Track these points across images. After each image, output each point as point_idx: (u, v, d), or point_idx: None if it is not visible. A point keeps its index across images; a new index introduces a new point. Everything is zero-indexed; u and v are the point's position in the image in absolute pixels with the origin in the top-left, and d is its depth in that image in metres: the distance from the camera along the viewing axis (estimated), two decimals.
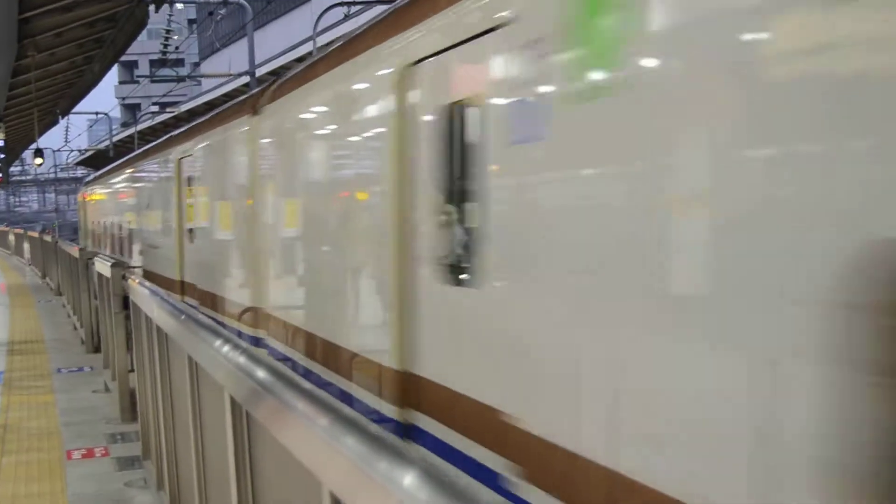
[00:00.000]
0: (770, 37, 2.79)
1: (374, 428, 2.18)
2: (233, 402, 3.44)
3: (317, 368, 7.06)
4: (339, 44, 7.54)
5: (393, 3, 6.43)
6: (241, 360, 3.30)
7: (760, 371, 2.74)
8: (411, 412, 5.27)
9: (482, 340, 4.43)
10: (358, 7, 26.12)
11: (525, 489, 4.07)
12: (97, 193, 29.01)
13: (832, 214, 2.54)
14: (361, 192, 6.24)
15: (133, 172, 20.13)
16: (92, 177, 33.73)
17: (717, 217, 2.92)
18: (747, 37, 2.87)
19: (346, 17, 26.11)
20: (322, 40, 26.33)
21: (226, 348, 3.56)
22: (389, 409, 5.47)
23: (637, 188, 3.25)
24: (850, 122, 2.51)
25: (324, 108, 7.27)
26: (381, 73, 5.74)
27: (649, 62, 3.23)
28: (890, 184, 2.38)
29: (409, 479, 1.83)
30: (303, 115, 7.82)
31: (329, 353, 6.83)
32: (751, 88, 2.81)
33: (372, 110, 5.95)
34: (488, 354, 4.34)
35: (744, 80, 2.85)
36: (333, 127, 6.94)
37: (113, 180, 24.39)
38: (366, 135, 6.10)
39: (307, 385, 2.74)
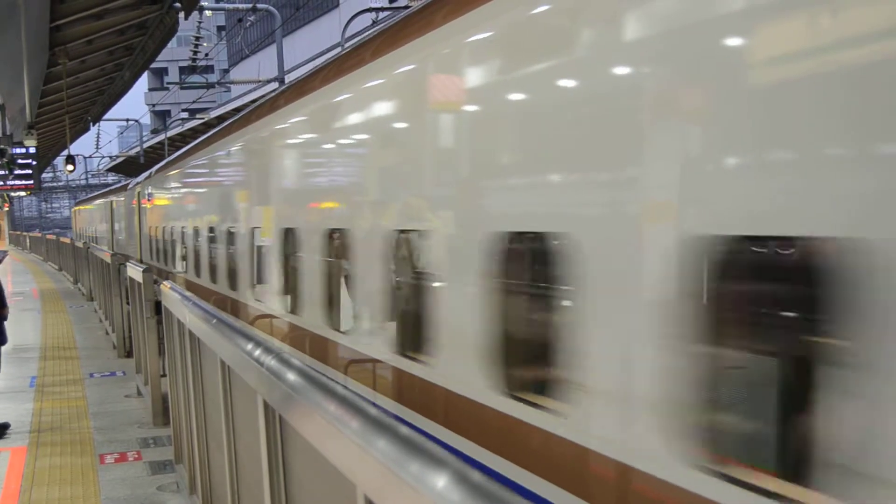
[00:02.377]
0: None
1: (405, 430, 2.18)
2: (266, 405, 3.45)
3: None
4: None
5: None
6: (274, 363, 3.31)
7: None
8: None
9: None
10: (386, 13, 26.20)
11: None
12: (171, 191, 18.72)
13: None
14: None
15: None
16: (153, 171, 22.79)
17: None
18: None
19: (374, 23, 26.18)
20: (350, 46, 26.39)
21: (258, 352, 3.57)
22: None
23: None
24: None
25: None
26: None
27: None
28: None
29: (441, 480, 1.83)
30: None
31: None
32: None
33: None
34: None
35: None
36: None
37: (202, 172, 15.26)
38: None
39: (339, 388, 2.75)
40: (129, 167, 61.83)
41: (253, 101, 30.23)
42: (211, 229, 13.44)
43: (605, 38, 3.99)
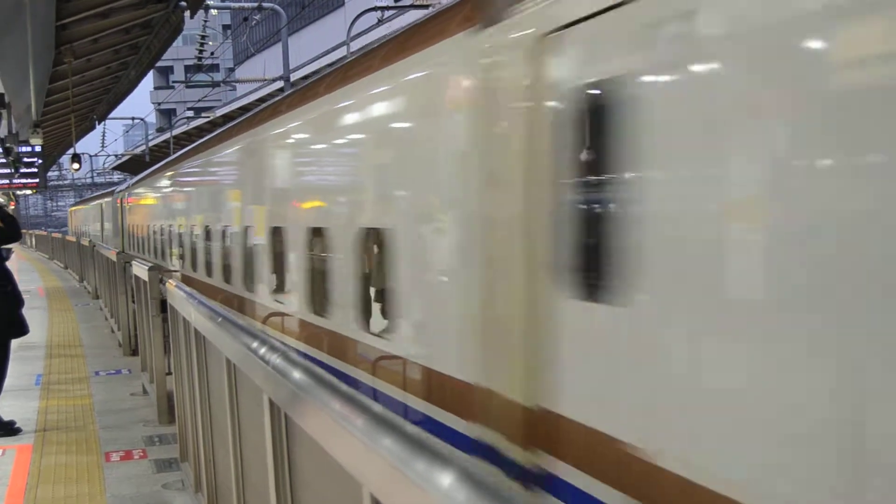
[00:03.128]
0: None
1: (410, 428, 2.19)
2: (271, 404, 3.45)
3: None
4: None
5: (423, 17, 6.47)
6: (279, 362, 3.31)
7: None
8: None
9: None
10: (391, 12, 26.20)
11: None
12: (142, 197, 25.08)
13: None
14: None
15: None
16: (131, 182, 30.24)
17: None
18: None
19: (380, 22, 26.18)
20: (355, 45, 26.38)
21: (264, 350, 3.58)
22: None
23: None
24: None
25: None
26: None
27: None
28: None
29: (447, 479, 1.83)
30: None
31: None
32: None
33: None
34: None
35: None
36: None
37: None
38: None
39: (344, 387, 2.75)
40: (134, 166, 61.91)
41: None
42: (170, 226, 19.55)
43: None
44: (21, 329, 9.99)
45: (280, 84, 29.70)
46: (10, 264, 10.04)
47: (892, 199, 2.60)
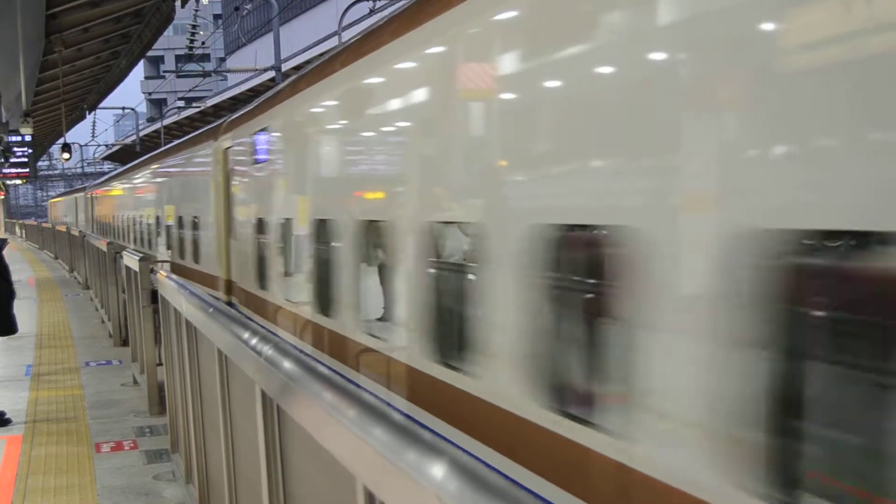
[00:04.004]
0: None
1: (400, 419, 2.19)
2: (263, 395, 3.44)
3: None
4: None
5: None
6: (270, 352, 3.30)
7: None
8: None
9: None
10: (383, 2, 26.14)
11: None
12: (104, 194, 40.16)
13: None
14: None
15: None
16: (96, 183, 45.26)
17: None
18: None
19: (372, 12, 26.12)
20: (347, 35, 26.32)
21: (255, 342, 3.56)
22: None
23: None
24: None
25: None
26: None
27: None
28: None
29: (437, 469, 1.83)
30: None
31: None
32: None
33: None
34: None
35: None
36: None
37: None
38: None
39: (335, 377, 2.75)
40: (125, 155, 61.74)
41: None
42: (122, 215, 29.60)
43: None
44: (9, 327, 9.96)
45: (272, 74, 29.63)
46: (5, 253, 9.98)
47: None
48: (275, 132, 10.31)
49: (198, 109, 44.76)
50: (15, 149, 26.68)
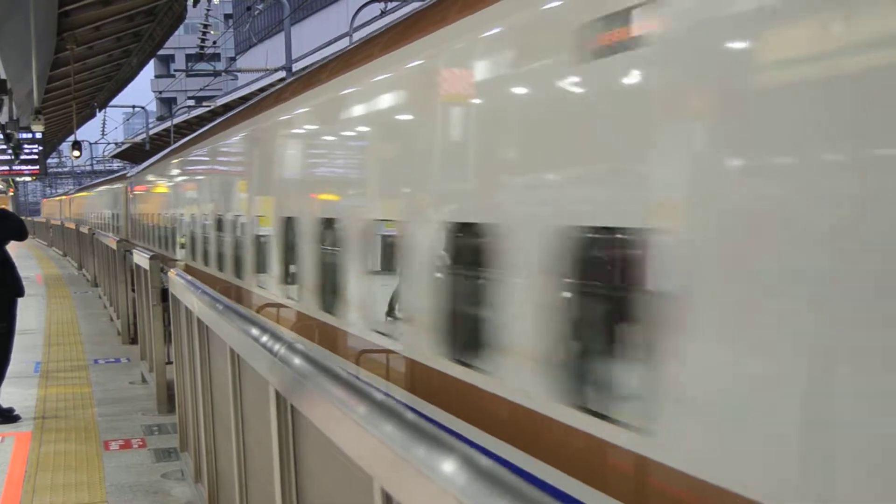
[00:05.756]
0: None
1: (410, 415, 2.19)
2: (277, 395, 3.43)
3: None
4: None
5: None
6: (283, 351, 3.29)
7: None
8: None
9: None
10: (395, 3, 26.14)
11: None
12: (82, 199, 57.63)
13: None
14: None
15: None
16: (77, 189, 59.84)
17: None
18: None
19: (383, 13, 26.12)
20: (358, 36, 26.32)
21: (268, 339, 3.55)
22: None
23: None
24: None
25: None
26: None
27: None
28: None
29: (447, 465, 1.83)
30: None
31: None
32: None
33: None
34: None
35: None
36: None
37: None
38: None
39: (345, 374, 2.74)
40: (134, 154, 61.80)
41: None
42: (88, 211, 46.71)
43: None
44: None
45: (282, 74, 29.65)
46: (9, 249, 9.94)
47: None
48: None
49: (208, 109, 44.79)
50: (25, 146, 26.70)
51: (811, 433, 2.99)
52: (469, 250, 5.60)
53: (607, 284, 4.54)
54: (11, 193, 52.76)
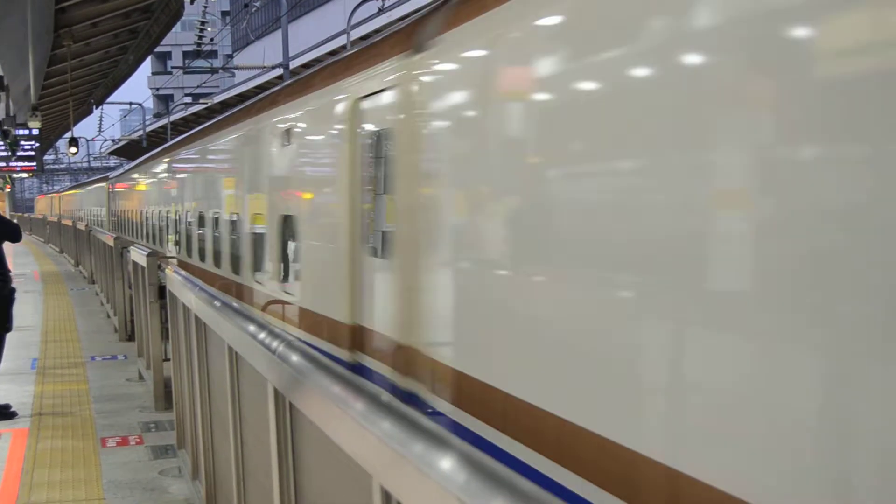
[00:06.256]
0: None
1: (407, 411, 2.20)
2: (275, 392, 3.43)
3: None
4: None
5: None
6: (282, 348, 3.30)
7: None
8: None
9: None
10: (392, 1, 26.13)
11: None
12: (67, 199, 67.05)
13: None
14: None
15: None
16: (65, 189, 69.79)
17: None
18: None
19: (381, 11, 26.11)
20: (355, 34, 26.31)
21: (265, 336, 3.55)
22: None
23: None
24: None
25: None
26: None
27: None
28: None
29: (445, 462, 1.84)
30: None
31: None
32: None
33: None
34: None
35: None
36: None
37: None
38: None
39: (344, 371, 2.75)
40: (131, 151, 61.79)
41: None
42: (68, 210, 57.56)
43: None
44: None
45: (279, 71, 29.62)
46: (6, 247, 9.95)
47: None
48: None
49: (205, 106, 44.76)
50: (22, 142, 26.68)
51: None
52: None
53: None
54: (8, 190, 52.99)
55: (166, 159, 19.16)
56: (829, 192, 2.61)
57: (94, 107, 39.19)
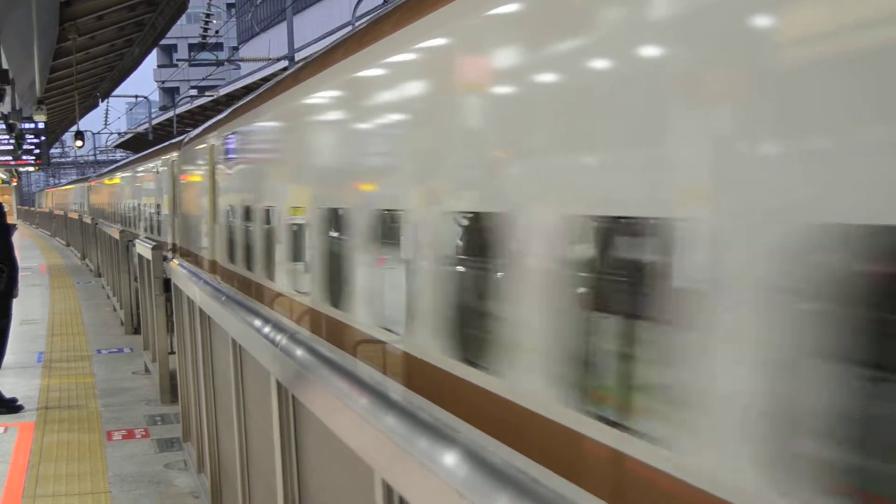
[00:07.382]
0: None
1: (411, 407, 2.20)
2: (279, 385, 3.42)
3: None
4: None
5: None
6: (286, 342, 3.29)
7: None
8: None
9: None
10: None
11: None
12: (64, 193, 73.70)
13: None
14: None
15: None
16: (57, 187, 79.63)
17: None
18: None
19: (386, 3, 26.06)
20: (361, 26, 26.25)
21: (269, 330, 3.55)
22: None
23: None
24: None
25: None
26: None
27: None
28: None
29: (449, 457, 1.83)
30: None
31: None
32: None
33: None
34: None
35: None
36: None
37: None
38: None
39: (349, 366, 2.74)
40: (137, 144, 61.84)
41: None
42: (70, 201, 65.55)
43: None
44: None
45: (284, 63, 29.63)
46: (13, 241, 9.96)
47: None
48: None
49: (211, 98, 44.76)
50: (28, 136, 26.72)
51: None
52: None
53: None
54: (15, 184, 53.02)
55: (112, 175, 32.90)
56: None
57: (100, 100, 39.27)
